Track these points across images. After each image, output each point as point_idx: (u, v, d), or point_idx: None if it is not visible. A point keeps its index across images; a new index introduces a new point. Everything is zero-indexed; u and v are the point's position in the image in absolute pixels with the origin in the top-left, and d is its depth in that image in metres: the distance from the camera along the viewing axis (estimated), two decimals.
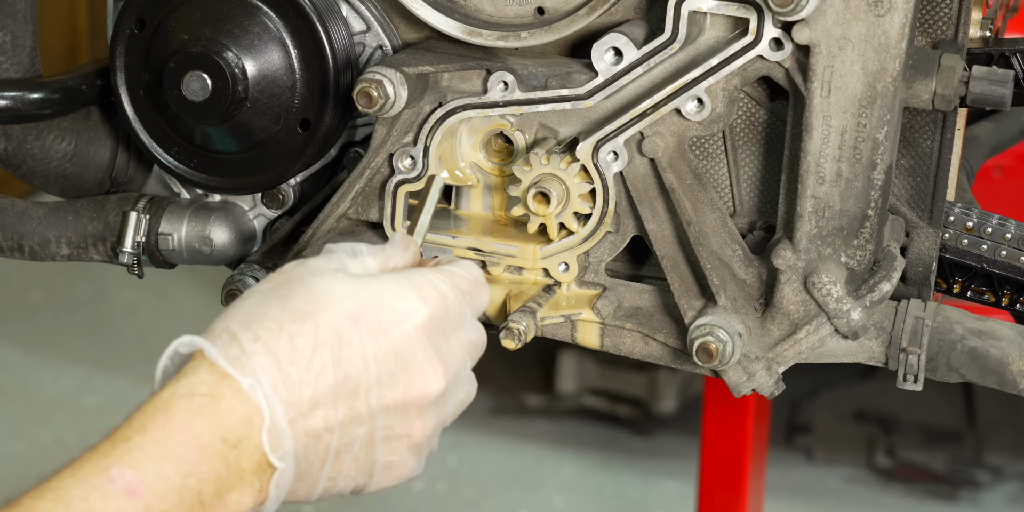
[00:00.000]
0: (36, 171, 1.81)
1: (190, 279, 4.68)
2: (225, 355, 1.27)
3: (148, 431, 1.24)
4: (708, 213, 1.61)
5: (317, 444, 1.29)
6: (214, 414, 1.25)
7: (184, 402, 1.25)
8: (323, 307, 1.31)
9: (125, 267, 1.79)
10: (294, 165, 1.71)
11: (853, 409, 3.99)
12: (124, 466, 1.22)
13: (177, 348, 1.30)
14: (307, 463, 1.29)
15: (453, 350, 1.37)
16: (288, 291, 1.32)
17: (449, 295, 1.37)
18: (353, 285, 1.33)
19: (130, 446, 1.23)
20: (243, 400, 1.26)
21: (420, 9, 1.66)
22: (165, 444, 1.23)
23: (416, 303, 1.34)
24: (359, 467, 1.33)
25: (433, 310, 1.35)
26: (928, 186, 1.66)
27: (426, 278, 1.37)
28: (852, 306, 1.57)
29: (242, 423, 1.26)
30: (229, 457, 1.25)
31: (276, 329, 1.29)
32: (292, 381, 1.28)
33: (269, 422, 1.26)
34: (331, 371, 1.29)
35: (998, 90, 1.56)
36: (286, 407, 1.27)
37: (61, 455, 4.19)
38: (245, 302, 1.33)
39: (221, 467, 1.24)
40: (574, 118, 1.62)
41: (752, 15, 1.54)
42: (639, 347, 1.66)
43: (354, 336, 1.31)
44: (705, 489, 3.07)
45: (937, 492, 3.84)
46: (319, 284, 1.33)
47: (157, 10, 1.70)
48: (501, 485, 3.84)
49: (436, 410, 1.36)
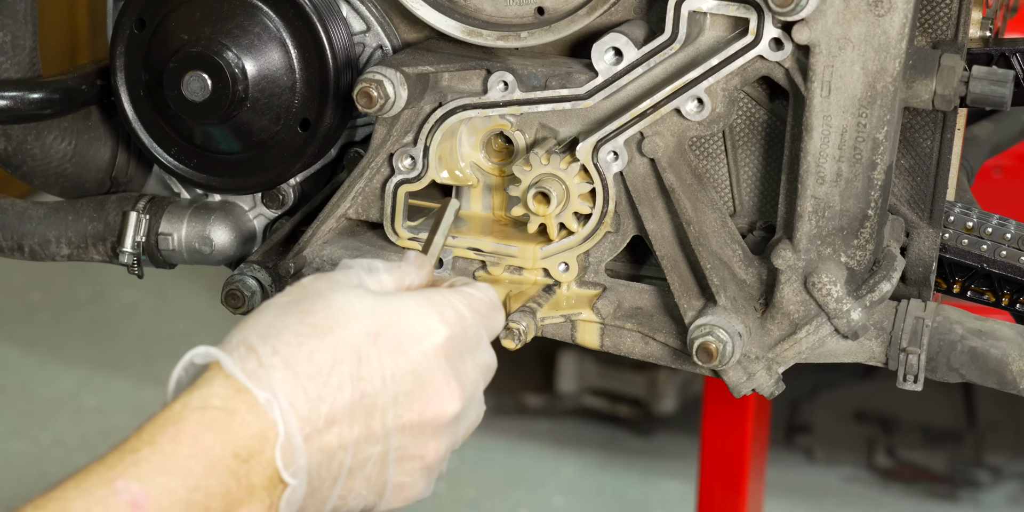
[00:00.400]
0: (36, 171, 1.81)
1: (190, 279, 4.68)
2: (242, 368, 1.26)
3: (157, 443, 1.22)
4: (708, 213, 1.61)
5: (331, 461, 1.28)
6: (227, 428, 1.23)
7: (196, 415, 1.24)
8: (343, 323, 1.30)
9: (125, 267, 1.79)
10: (294, 165, 1.71)
11: (853, 409, 3.98)
12: (130, 478, 1.20)
13: (192, 359, 1.29)
14: (319, 480, 1.28)
15: (469, 372, 1.36)
16: (307, 305, 1.31)
17: (467, 317, 1.36)
18: (373, 302, 1.32)
19: (138, 458, 1.21)
20: (257, 414, 1.25)
21: (420, 9, 1.66)
22: (174, 457, 1.21)
23: (436, 323, 1.33)
24: (371, 486, 1.32)
25: (452, 331, 1.34)
26: (928, 186, 1.66)
27: (445, 299, 1.36)
28: (852, 306, 1.57)
29: (255, 438, 1.24)
30: (239, 472, 1.23)
31: (295, 344, 1.28)
32: (309, 397, 1.26)
33: (284, 438, 1.25)
34: (349, 388, 1.28)
35: (998, 90, 1.56)
36: (302, 423, 1.26)
37: (61, 455, 4.18)
38: (263, 314, 1.31)
39: (230, 482, 1.23)
40: (574, 118, 1.62)
41: (752, 15, 1.54)
42: (639, 347, 1.66)
43: (373, 354, 1.30)
44: (705, 489, 3.07)
45: (937, 492, 3.84)
46: (339, 300, 1.32)
47: (157, 10, 1.70)
48: (501, 485, 3.84)
49: (450, 432, 1.35)
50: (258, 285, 1.68)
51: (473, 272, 1.67)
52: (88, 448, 3.89)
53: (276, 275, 1.69)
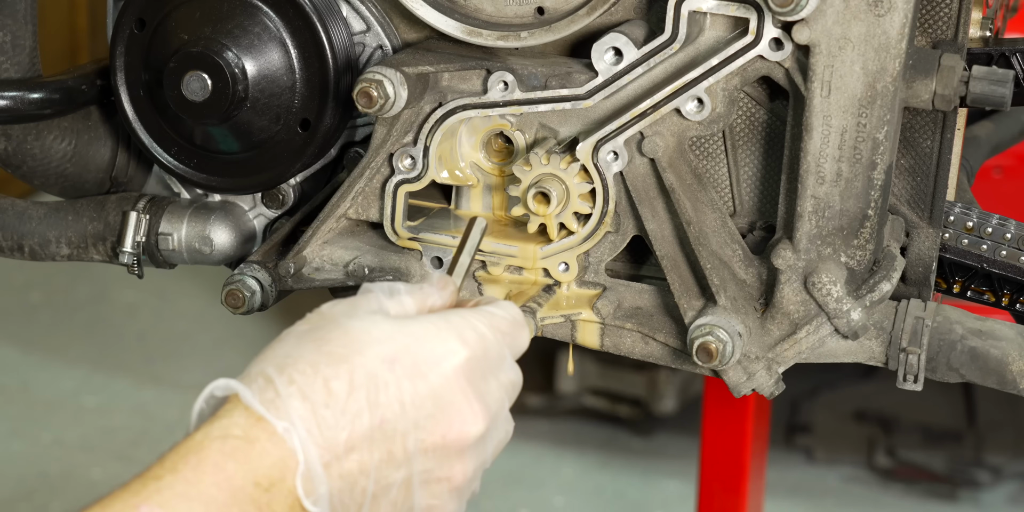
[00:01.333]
0: (36, 171, 1.81)
1: (190, 279, 4.68)
2: (260, 398, 1.26)
3: (180, 471, 1.22)
4: (708, 213, 1.61)
5: (353, 488, 1.28)
6: (247, 457, 1.24)
7: (217, 444, 1.24)
8: (359, 350, 1.29)
9: (125, 267, 1.79)
10: (294, 165, 1.71)
11: (853, 409, 3.98)
12: (154, 505, 1.20)
13: (212, 391, 1.29)
14: (343, 507, 1.28)
15: (492, 391, 1.35)
16: (324, 333, 1.31)
17: (488, 336, 1.35)
18: (390, 327, 1.32)
19: (160, 485, 1.21)
20: (277, 443, 1.25)
21: (420, 9, 1.66)
22: (197, 485, 1.22)
23: (455, 345, 1.33)
24: (398, 511, 1.32)
25: (472, 351, 1.33)
26: (928, 186, 1.66)
27: (465, 320, 1.35)
28: (852, 306, 1.57)
29: (276, 466, 1.24)
30: (261, 501, 1.23)
31: (311, 372, 1.28)
32: (327, 425, 1.26)
33: (304, 466, 1.25)
34: (367, 415, 1.28)
35: (998, 90, 1.56)
36: (321, 451, 1.26)
37: (61, 455, 4.19)
38: (281, 344, 1.31)
39: (252, 510, 1.23)
40: (574, 118, 1.62)
41: (752, 15, 1.54)
42: (639, 347, 1.66)
43: (390, 379, 1.29)
44: (705, 489, 3.07)
45: (937, 492, 3.84)
46: (355, 326, 1.31)
47: (157, 10, 1.70)
48: (501, 485, 3.84)
49: (477, 452, 1.34)
50: (258, 285, 1.68)
51: (473, 272, 1.67)
52: (88, 448, 3.89)
53: (276, 275, 1.69)
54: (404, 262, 1.68)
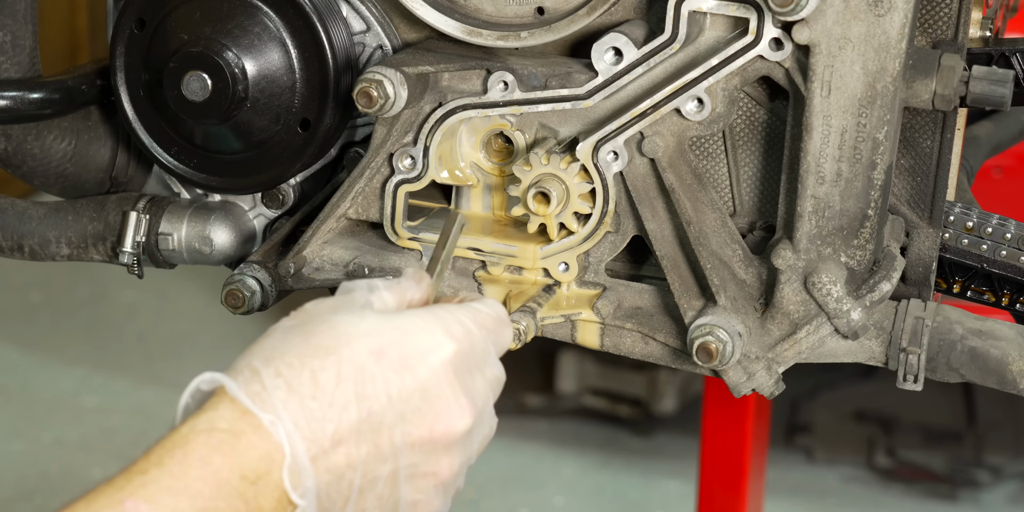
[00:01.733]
0: (36, 171, 1.81)
1: (190, 279, 4.68)
2: (246, 391, 1.26)
3: (166, 465, 1.22)
4: (708, 213, 1.61)
5: (340, 482, 1.28)
6: (234, 450, 1.23)
7: (203, 437, 1.24)
8: (346, 343, 1.29)
9: (125, 267, 1.79)
10: (294, 165, 1.71)
11: (853, 409, 3.98)
12: (139, 499, 1.20)
13: (199, 385, 1.28)
14: (329, 501, 1.27)
15: (478, 386, 1.35)
16: (311, 327, 1.31)
17: (475, 332, 1.35)
18: (377, 321, 1.32)
19: (146, 479, 1.21)
20: (263, 436, 1.24)
21: (420, 9, 1.66)
22: (182, 479, 1.21)
23: (442, 338, 1.32)
24: (383, 506, 1.31)
25: (459, 346, 1.33)
26: (928, 186, 1.66)
27: (452, 314, 1.35)
28: (852, 306, 1.57)
29: (262, 460, 1.24)
30: (247, 494, 1.23)
31: (298, 365, 1.27)
32: (314, 417, 1.26)
33: (290, 459, 1.24)
34: (354, 407, 1.27)
35: (998, 90, 1.56)
36: (308, 444, 1.25)
37: (61, 455, 4.18)
38: (268, 338, 1.31)
39: (239, 504, 1.22)
40: (574, 118, 1.62)
41: (752, 15, 1.54)
42: (639, 347, 1.66)
43: (377, 372, 1.29)
44: (705, 489, 3.07)
45: (937, 492, 3.84)
46: (342, 320, 1.31)
47: (157, 10, 1.70)
48: (501, 485, 3.84)
49: (463, 447, 1.34)
50: (258, 285, 1.68)
51: (473, 272, 1.67)
52: (88, 448, 3.89)
53: (276, 275, 1.69)
54: (404, 262, 1.68)
